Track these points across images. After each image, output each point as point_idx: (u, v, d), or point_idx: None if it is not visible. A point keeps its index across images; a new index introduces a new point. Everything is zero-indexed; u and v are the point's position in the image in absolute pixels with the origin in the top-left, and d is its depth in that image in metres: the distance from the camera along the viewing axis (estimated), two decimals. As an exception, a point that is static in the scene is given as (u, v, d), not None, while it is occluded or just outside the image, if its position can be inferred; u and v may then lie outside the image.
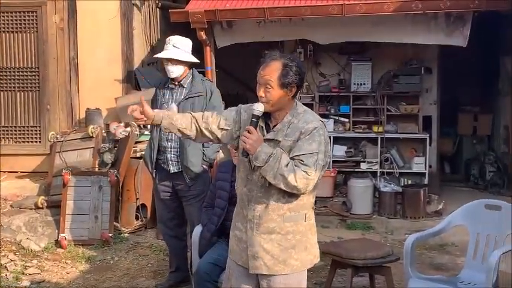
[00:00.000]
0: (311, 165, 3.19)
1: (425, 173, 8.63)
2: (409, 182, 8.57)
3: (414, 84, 8.66)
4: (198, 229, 4.78)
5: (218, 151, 5.34)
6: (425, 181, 8.58)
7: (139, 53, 9.17)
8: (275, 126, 3.31)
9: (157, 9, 9.57)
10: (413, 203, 7.97)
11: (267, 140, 3.27)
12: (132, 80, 8.86)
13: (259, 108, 3.24)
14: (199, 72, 5.64)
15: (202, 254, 4.63)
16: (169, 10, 7.81)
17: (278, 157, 3.17)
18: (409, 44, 8.65)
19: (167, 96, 5.37)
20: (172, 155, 5.31)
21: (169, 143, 5.32)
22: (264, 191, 3.29)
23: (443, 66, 9.12)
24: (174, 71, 5.28)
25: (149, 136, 5.63)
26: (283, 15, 7.36)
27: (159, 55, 5.46)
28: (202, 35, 7.55)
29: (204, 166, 5.30)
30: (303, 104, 3.48)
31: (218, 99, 5.38)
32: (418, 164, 8.64)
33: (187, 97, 5.27)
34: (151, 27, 9.42)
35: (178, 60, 5.25)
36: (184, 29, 7.53)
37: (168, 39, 5.40)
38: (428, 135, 8.71)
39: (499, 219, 4.49)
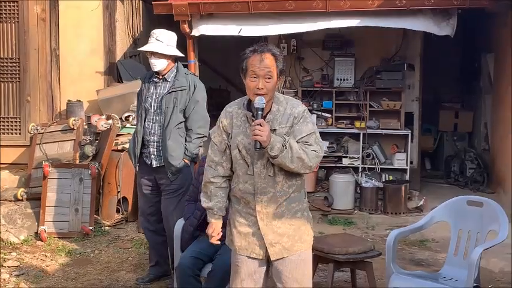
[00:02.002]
0: (315, 143, 3.44)
1: (406, 169, 8.66)
2: (391, 177, 8.61)
3: (397, 80, 8.68)
4: (180, 223, 4.75)
5: (201, 146, 5.31)
6: (407, 177, 8.62)
7: (122, 45, 9.11)
8: (264, 117, 3.39)
9: (140, 1, 9.51)
10: (394, 199, 8.02)
11: None
12: (114, 72, 8.81)
13: (261, 100, 3.34)
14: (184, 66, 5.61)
15: (184, 248, 4.61)
16: (153, 2, 7.74)
17: (290, 143, 3.33)
18: (392, 41, 8.71)
19: (151, 90, 5.34)
20: (154, 149, 5.28)
21: (152, 137, 5.28)
22: (268, 181, 3.44)
23: (426, 63, 9.16)
24: (157, 64, 5.25)
25: (133, 130, 5.58)
26: (268, 9, 7.33)
27: (141, 48, 5.43)
28: (186, 27, 7.51)
29: (186, 161, 5.27)
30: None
31: (201, 94, 5.34)
32: (400, 160, 8.68)
33: (170, 91, 5.23)
34: (134, 20, 9.36)
35: (161, 53, 5.22)
36: (168, 21, 7.49)
37: (152, 32, 5.37)
38: (410, 131, 8.75)
39: (481, 215, 4.51)
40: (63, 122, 7.79)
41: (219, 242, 3.63)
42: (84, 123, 7.69)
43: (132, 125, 7.85)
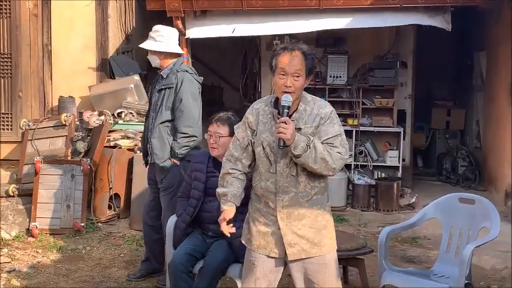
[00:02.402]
0: (340, 146, 3.42)
1: (398, 166, 8.69)
2: (383, 175, 8.63)
3: (389, 78, 8.69)
4: (172, 220, 4.73)
5: (187, 146, 5.22)
6: (399, 174, 8.64)
7: (114, 41, 9.07)
8: (290, 116, 3.37)
9: (133, -4, 9.46)
10: (386, 196, 8.04)
11: None
12: (106, 69, 8.76)
13: (288, 98, 3.32)
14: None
15: (176, 245, 4.60)
16: (146, -2, 7.72)
17: (314, 143, 3.30)
18: (385, 38, 8.73)
19: (155, 86, 5.42)
20: (149, 146, 5.32)
21: (149, 133, 5.34)
22: (290, 180, 3.42)
23: (418, 60, 9.18)
24: (151, 60, 5.32)
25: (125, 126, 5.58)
26: (261, 5, 7.33)
27: (141, 45, 5.47)
28: (179, 24, 7.49)
29: (175, 161, 5.23)
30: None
31: (187, 91, 5.19)
32: (392, 158, 8.70)
33: (160, 89, 5.27)
34: (127, 16, 9.32)
35: (152, 50, 5.25)
36: (161, 18, 7.46)
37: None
38: (402, 129, 8.77)
39: (473, 212, 4.52)
40: (55, 118, 7.76)
41: (230, 232, 3.56)
42: (76, 119, 7.65)
43: (124, 121, 7.84)
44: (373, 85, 8.71)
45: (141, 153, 5.69)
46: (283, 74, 3.35)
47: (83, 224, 6.83)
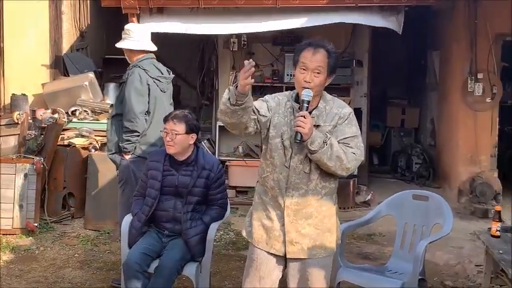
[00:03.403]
0: (355, 147, 3.39)
1: (354, 164, 8.73)
2: (339, 172, 8.66)
3: (345, 76, 8.75)
4: (128, 219, 4.68)
5: (129, 141, 5.20)
6: (355, 172, 8.70)
7: (68, 38, 8.94)
8: (310, 112, 3.35)
9: (88, -7, 9.35)
10: (342, 194, 8.06)
11: None
12: (60, 66, 8.64)
13: (309, 93, 3.29)
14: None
15: (132, 244, 4.54)
16: (100, -5, 7.62)
17: (331, 141, 3.29)
18: (341, 37, 8.78)
19: None
20: None
21: None
22: (302, 177, 3.39)
23: (374, 59, 9.28)
24: (127, 58, 5.41)
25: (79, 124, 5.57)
26: (218, 3, 7.31)
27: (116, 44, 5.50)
28: (134, 21, 7.41)
29: (124, 155, 5.22)
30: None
31: (130, 86, 5.21)
32: (348, 155, 8.74)
33: (120, 82, 5.33)
34: (81, 12, 9.20)
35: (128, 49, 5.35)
36: (116, 14, 7.39)
37: None
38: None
39: (426, 209, 4.60)
40: (7, 116, 7.60)
41: (250, 82, 3.16)
42: (29, 118, 7.52)
43: (79, 119, 7.73)
44: (330, 84, 8.73)
45: None
46: (304, 69, 3.34)
47: (36, 224, 6.70)
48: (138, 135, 5.15)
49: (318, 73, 3.33)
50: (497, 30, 7.57)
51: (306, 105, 3.29)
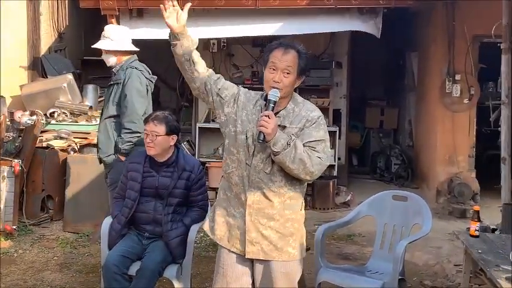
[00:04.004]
0: (322, 151, 3.29)
1: (334, 165, 8.80)
2: (319, 173, 8.70)
3: (325, 78, 8.81)
4: (107, 221, 4.65)
5: (130, 142, 5.17)
6: (335, 173, 8.76)
7: (47, 39, 8.88)
8: (277, 113, 3.30)
9: (66, -6, 9.28)
10: (323, 195, 8.14)
11: None
12: (38, 67, 8.58)
13: (275, 93, 3.24)
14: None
15: (111, 246, 4.51)
16: (79, -4, 7.58)
17: (295, 143, 3.21)
18: (320, 39, 8.82)
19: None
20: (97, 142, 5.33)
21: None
22: (263, 176, 3.31)
23: (353, 61, 9.33)
24: (108, 61, 5.27)
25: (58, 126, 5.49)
26: (198, 4, 7.28)
27: (94, 45, 5.36)
28: (114, 22, 7.37)
29: (120, 157, 5.17)
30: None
31: (132, 88, 5.17)
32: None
33: (109, 84, 5.25)
34: (60, 13, 9.13)
35: (105, 49, 5.23)
36: (95, 15, 7.35)
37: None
38: (338, 128, 8.89)
39: (406, 209, 4.62)
40: (-16, 118, 7.52)
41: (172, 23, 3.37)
42: (7, 120, 7.44)
43: (57, 121, 7.67)
44: (309, 85, 8.79)
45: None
46: (273, 69, 3.28)
47: (14, 227, 6.63)
48: (139, 136, 5.12)
49: (287, 73, 3.27)
50: (474, 31, 7.65)
51: (272, 105, 3.23)
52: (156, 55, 11.00)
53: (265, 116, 3.18)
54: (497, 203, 6.06)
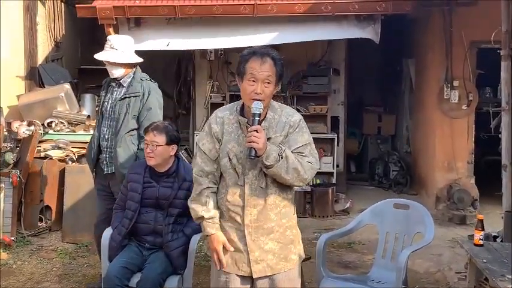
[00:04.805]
0: (310, 155, 3.28)
1: (333, 172, 8.79)
2: (318, 181, 8.70)
3: (323, 85, 8.82)
4: (108, 232, 4.63)
5: None
6: (333, 180, 8.74)
7: (43, 48, 8.86)
8: (260, 124, 3.21)
9: (62, 3, 9.26)
10: (321, 202, 8.11)
11: None
12: (35, 77, 8.55)
13: (259, 106, 3.17)
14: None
15: (112, 257, 4.49)
16: (76, 5, 7.54)
17: (286, 153, 3.17)
18: (318, 46, 8.83)
19: (108, 95, 5.18)
20: (107, 155, 5.12)
21: (106, 143, 5.13)
22: (259, 192, 3.27)
23: (351, 67, 9.32)
24: (114, 72, 5.09)
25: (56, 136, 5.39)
26: (195, 13, 7.27)
27: (96, 56, 5.19)
28: (111, 31, 7.34)
29: None
30: (213, 103, 3.44)
31: (155, 101, 5.13)
32: (326, 164, 8.80)
33: (123, 97, 5.06)
34: (56, 22, 9.12)
35: (114, 62, 5.06)
36: (93, 25, 7.34)
37: (107, 38, 5.18)
38: (336, 135, 8.88)
39: (407, 218, 4.60)
40: (-19, 128, 7.49)
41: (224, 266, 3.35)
42: (5, 130, 7.40)
43: (55, 131, 7.64)
44: (307, 92, 8.81)
45: (88, 163, 5.33)
46: (253, 80, 3.20)
47: (13, 238, 6.60)
48: None
49: (268, 83, 3.21)
50: (472, 38, 7.65)
51: (257, 118, 3.15)
52: (153, 63, 10.99)
53: (254, 131, 3.12)
54: (497, 209, 6.06)
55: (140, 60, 5.25)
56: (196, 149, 3.44)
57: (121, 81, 5.13)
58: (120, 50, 5.08)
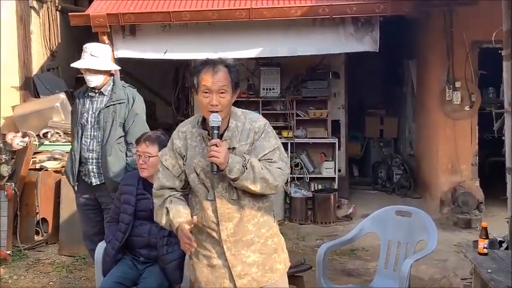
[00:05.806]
0: (279, 160, 3.16)
1: (335, 177, 8.66)
2: (320, 187, 8.59)
3: (322, 89, 8.70)
4: (101, 246, 4.51)
5: None
6: (335, 185, 8.62)
7: (38, 58, 8.77)
8: (221, 135, 3.12)
9: (57, 12, 9.16)
10: (324, 208, 8.01)
11: None
12: (30, 87, 8.46)
13: (217, 118, 3.05)
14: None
15: (106, 272, 4.37)
16: (69, 14, 7.43)
17: (250, 163, 3.05)
18: (316, 49, 8.68)
19: (87, 106, 5.07)
20: (93, 166, 5.02)
21: (91, 154, 5.02)
22: (232, 205, 3.15)
23: (351, 70, 9.20)
24: (93, 80, 5.00)
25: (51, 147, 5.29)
26: (190, 19, 7.14)
27: (74, 64, 5.11)
28: (105, 39, 7.22)
29: None
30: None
31: (140, 106, 5.10)
32: (328, 169, 8.68)
33: (108, 105, 4.99)
34: (51, 31, 9.04)
35: (96, 69, 4.97)
36: (87, 33, 7.23)
37: (84, 46, 5.10)
38: (337, 139, 8.76)
39: (410, 225, 4.48)
40: (-24, 140, 7.40)
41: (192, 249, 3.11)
42: (-1, 142, 7.32)
43: (50, 141, 7.54)
44: (307, 96, 8.69)
45: (68, 177, 5.18)
46: (207, 92, 3.07)
47: (8, 252, 6.53)
48: None
49: (223, 93, 3.07)
50: (473, 38, 7.55)
51: (216, 131, 3.04)
52: (151, 70, 10.93)
53: (213, 145, 3.00)
54: (503, 211, 5.89)
55: (118, 67, 5.20)
56: (159, 165, 3.33)
57: (102, 89, 5.03)
58: (100, 57, 5.03)
